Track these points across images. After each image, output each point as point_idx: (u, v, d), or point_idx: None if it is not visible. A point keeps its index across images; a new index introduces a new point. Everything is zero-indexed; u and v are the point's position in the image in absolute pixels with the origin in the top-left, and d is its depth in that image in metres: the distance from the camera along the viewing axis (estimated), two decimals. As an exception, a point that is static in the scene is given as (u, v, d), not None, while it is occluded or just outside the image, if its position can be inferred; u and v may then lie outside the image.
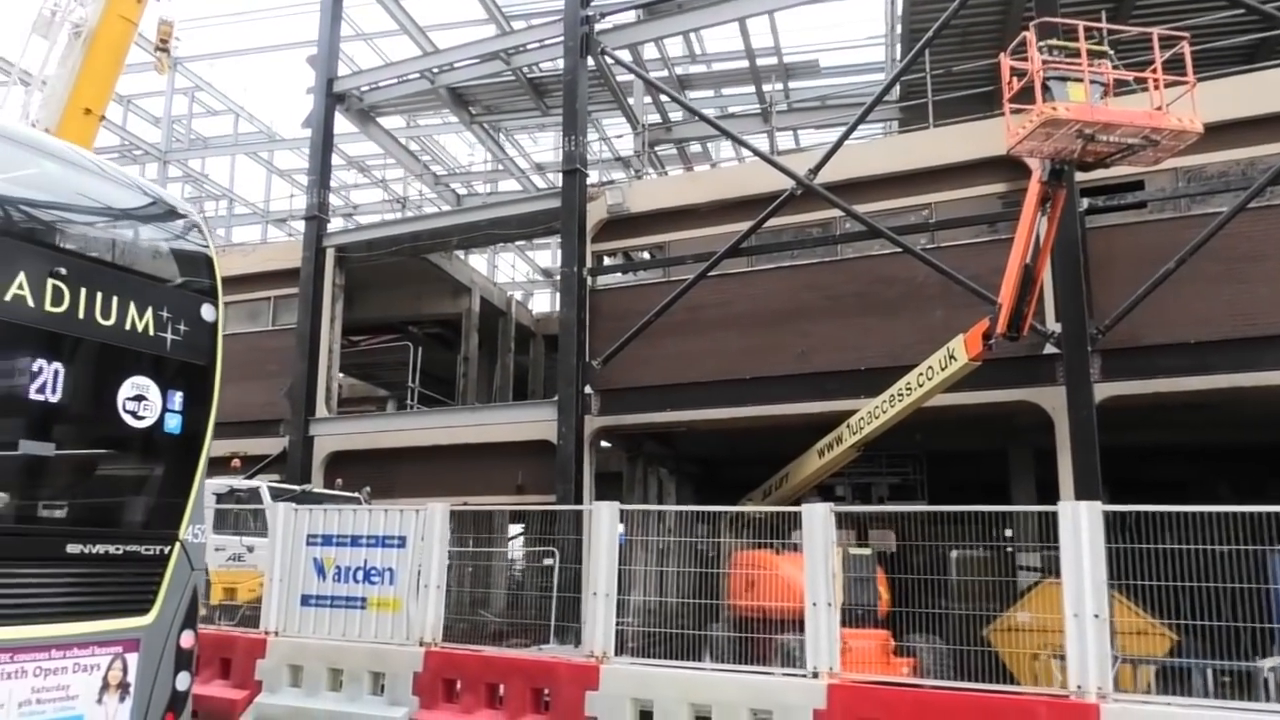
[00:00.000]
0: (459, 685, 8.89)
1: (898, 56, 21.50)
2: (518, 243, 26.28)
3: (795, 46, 22.52)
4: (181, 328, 5.95)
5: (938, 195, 14.81)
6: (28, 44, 15.80)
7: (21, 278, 5.05)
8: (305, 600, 9.81)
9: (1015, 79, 9.72)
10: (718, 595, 9.65)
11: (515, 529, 17.76)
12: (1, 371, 4.94)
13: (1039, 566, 10.14)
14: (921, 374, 12.28)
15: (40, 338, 5.19)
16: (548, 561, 13.44)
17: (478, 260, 26.13)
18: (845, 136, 14.47)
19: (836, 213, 14.94)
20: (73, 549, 5.25)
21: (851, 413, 13.54)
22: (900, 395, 12.58)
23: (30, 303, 5.11)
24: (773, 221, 14.82)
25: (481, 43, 19.10)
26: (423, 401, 20.34)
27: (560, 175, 17.00)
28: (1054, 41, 9.52)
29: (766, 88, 20.96)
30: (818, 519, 7.85)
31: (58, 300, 5.24)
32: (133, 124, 28.40)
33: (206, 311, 6.21)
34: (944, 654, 8.64)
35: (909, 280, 14.42)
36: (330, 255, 18.69)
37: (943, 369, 11.97)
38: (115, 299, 5.53)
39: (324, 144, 19.07)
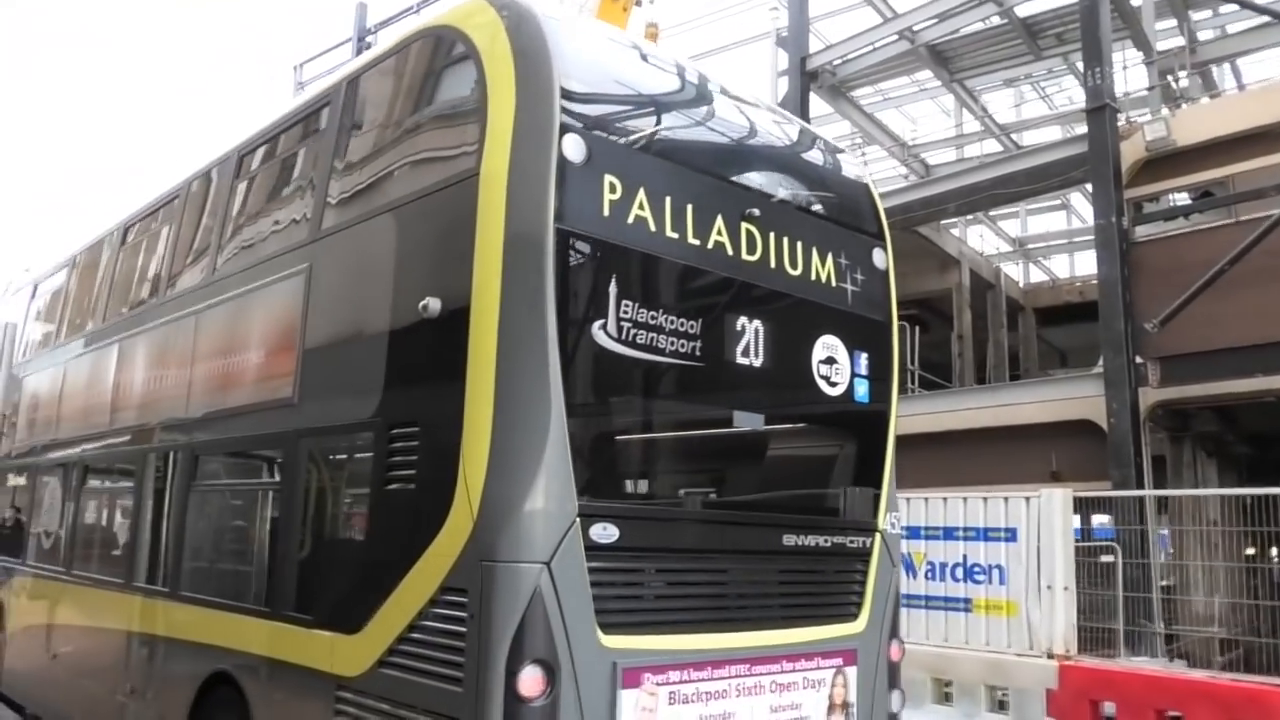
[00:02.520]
0: (1111, 709, 7.35)
1: None
2: (991, 212, 23.90)
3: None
4: (858, 277, 5.05)
5: None
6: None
7: (719, 222, 4.33)
8: (895, 599, 8.80)
9: None
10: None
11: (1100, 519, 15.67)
12: (710, 332, 4.22)
13: None
14: None
15: (740, 291, 4.45)
16: (1105, 558, 11.54)
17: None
18: None
19: None
20: (788, 540, 4.44)
21: None
22: None
23: (729, 251, 4.39)
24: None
25: (963, -12, 17.29)
26: (921, 385, 18.85)
27: (1064, 125, 14.72)
28: None
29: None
30: None
31: (751, 247, 4.49)
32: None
33: (878, 258, 5.30)
34: None
35: None
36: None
37: None
38: (799, 244, 4.71)
39: (800, 123, 18.35)
